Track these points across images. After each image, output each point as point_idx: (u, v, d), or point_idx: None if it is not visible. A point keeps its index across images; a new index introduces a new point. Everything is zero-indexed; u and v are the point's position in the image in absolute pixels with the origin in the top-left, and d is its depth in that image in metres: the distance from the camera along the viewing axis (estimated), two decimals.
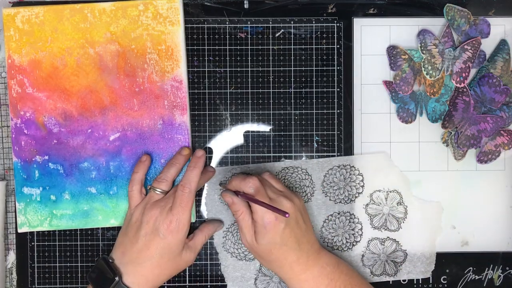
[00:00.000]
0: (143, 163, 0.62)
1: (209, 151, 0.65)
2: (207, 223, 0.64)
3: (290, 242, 0.57)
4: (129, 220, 0.60)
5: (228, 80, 0.65)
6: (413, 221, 0.65)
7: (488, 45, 0.64)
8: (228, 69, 0.65)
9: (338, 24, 0.65)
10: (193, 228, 0.63)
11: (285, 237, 0.57)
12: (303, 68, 0.65)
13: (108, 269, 0.57)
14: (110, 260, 0.58)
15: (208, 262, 0.66)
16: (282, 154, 0.65)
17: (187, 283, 0.66)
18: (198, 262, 0.65)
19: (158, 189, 0.60)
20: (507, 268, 0.66)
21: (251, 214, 0.58)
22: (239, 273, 0.64)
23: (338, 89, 0.65)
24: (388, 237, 0.65)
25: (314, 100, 0.65)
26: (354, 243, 0.65)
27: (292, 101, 0.65)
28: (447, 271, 0.66)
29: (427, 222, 0.65)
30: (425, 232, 0.65)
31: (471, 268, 0.66)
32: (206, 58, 0.65)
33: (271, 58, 0.65)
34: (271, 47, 0.65)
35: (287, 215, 0.53)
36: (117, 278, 0.56)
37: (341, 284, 0.59)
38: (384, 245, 0.65)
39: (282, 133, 0.65)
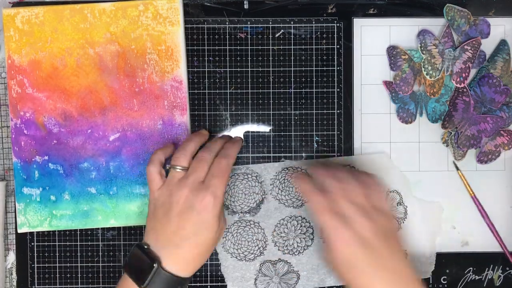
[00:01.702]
0: (165, 148, 0.59)
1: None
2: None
3: (362, 265, 0.51)
4: (154, 204, 0.56)
5: (228, 80, 0.65)
6: (413, 221, 0.65)
7: (488, 45, 0.64)
8: (228, 69, 0.65)
9: (338, 24, 0.65)
10: None
11: (357, 260, 0.51)
12: (303, 68, 0.65)
13: (145, 256, 0.53)
14: (145, 247, 0.54)
15: (208, 262, 0.65)
16: (282, 154, 0.65)
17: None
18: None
19: (178, 167, 0.56)
20: (507, 268, 0.66)
21: None
22: (239, 273, 0.65)
23: (338, 89, 0.65)
24: None
25: (314, 100, 0.65)
26: None
27: (292, 101, 0.65)
28: (447, 271, 0.66)
29: (427, 222, 0.65)
30: (425, 232, 0.65)
31: (471, 268, 0.66)
32: (206, 58, 0.65)
33: (271, 58, 0.65)
34: (271, 47, 0.65)
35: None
36: (155, 265, 0.52)
37: None
38: None
39: (282, 133, 0.65)
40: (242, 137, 0.65)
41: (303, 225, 0.64)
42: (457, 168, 0.65)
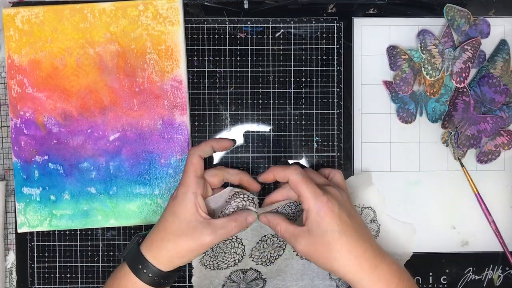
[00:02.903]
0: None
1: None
2: (240, 212, 0.57)
3: (349, 231, 0.53)
4: None
5: (228, 80, 0.65)
6: (384, 239, 0.65)
7: (488, 45, 0.64)
8: (228, 69, 0.65)
9: (338, 24, 0.65)
10: None
11: (342, 223, 0.53)
12: (303, 68, 0.65)
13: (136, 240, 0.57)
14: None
15: None
16: (282, 154, 0.65)
17: (187, 283, 0.65)
18: None
19: None
20: (507, 268, 0.66)
21: (299, 212, 0.57)
22: (208, 281, 0.64)
23: (338, 89, 0.65)
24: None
25: (314, 100, 0.65)
26: None
27: (292, 101, 0.65)
28: (447, 271, 0.66)
29: (399, 242, 0.65)
30: (395, 252, 0.64)
31: (471, 268, 0.66)
32: (206, 58, 0.65)
33: (271, 58, 0.65)
34: (271, 47, 0.65)
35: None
36: (137, 240, 0.56)
37: (407, 283, 0.54)
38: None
39: (282, 133, 0.65)
40: (242, 137, 0.65)
41: (281, 240, 0.63)
42: (462, 165, 0.65)
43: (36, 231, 0.65)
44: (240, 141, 0.65)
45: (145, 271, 0.55)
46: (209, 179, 0.58)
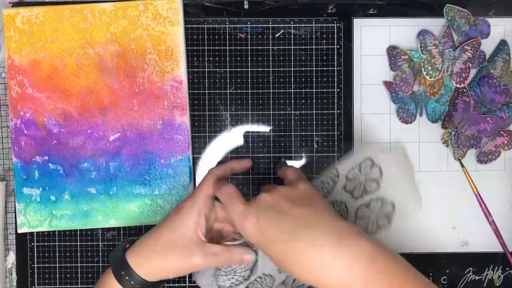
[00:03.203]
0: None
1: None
2: (240, 248, 0.54)
3: (286, 228, 0.47)
4: None
5: (228, 80, 0.65)
6: (389, 174, 0.62)
7: (488, 46, 0.64)
8: (228, 69, 0.65)
9: (338, 25, 0.65)
10: None
11: (274, 228, 0.47)
12: (303, 69, 0.65)
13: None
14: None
15: None
16: (282, 155, 0.65)
17: (187, 283, 0.65)
18: None
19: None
20: (507, 269, 0.65)
21: None
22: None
23: (338, 90, 0.65)
24: (371, 198, 0.62)
25: (314, 101, 0.65)
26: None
27: (292, 101, 0.65)
28: (447, 271, 0.66)
29: (401, 167, 0.63)
30: (403, 176, 0.63)
31: (471, 268, 0.66)
32: (206, 59, 0.65)
33: (271, 58, 0.65)
34: (271, 47, 0.65)
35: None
36: (124, 245, 0.55)
37: (382, 263, 0.46)
38: (370, 206, 0.62)
39: (282, 133, 0.65)
40: (242, 137, 0.65)
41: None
42: (462, 165, 0.65)
43: (36, 232, 0.65)
44: (240, 141, 0.65)
45: (127, 278, 0.52)
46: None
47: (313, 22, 0.65)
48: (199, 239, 0.53)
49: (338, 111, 0.65)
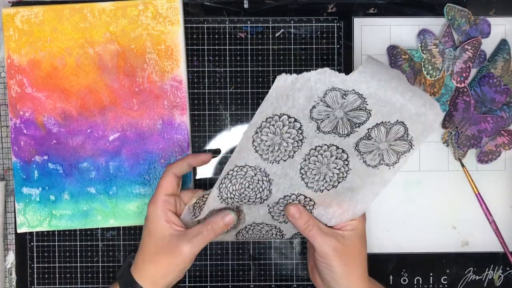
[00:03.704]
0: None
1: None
2: (216, 213, 0.56)
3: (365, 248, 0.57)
4: None
5: (228, 80, 0.65)
6: (375, 92, 0.49)
7: (488, 45, 0.64)
8: (228, 69, 0.65)
9: (338, 24, 0.65)
10: None
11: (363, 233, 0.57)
12: (303, 68, 0.65)
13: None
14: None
15: (208, 262, 0.65)
16: None
17: (187, 283, 0.65)
18: (198, 263, 0.65)
19: None
20: (508, 269, 0.65)
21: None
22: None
23: None
24: (367, 128, 0.52)
25: None
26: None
27: None
28: (448, 271, 0.66)
29: (385, 75, 0.49)
30: (394, 84, 0.49)
31: (471, 268, 0.66)
32: (206, 58, 0.65)
33: (271, 58, 0.65)
34: (271, 47, 0.65)
35: None
36: (129, 261, 0.56)
37: None
38: (372, 138, 0.52)
39: None
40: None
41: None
42: (463, 165, 0.65)
43: (35, 231, 0.65)
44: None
45: None
46: (184, 198, 0.57)
47: (313, 22, 0.65)
48: (177, 232, 0.54)
49: None
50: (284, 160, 0.53)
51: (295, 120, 0.51)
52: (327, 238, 0.54)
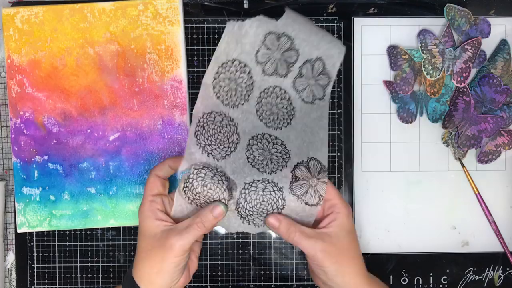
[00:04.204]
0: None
1: None
2: (206, 207, 0.56)
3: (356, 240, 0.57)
4: None
5: None
6: (299, 35, 0.59)
7: (488, 45, 0.64)
8: None
9: (338, 24, 0.65)
10: None
11: (351, 226, 0.56)
12: None
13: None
14: None
15: (208, 262, 0.65)
16: None
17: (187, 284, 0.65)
18: (198, 262, 0.65)
19: None
20: (508, 269, 0.65)
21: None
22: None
23: (338, 89, 0.65)
24: (299, 66, 0.60)
25: None
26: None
27: None
28: (447, 271, 0.66)
29: (299, 21, 0.60)
30: (308, 28, 0.60)
31: (471, 268, 0.66)
32: (206, 58, 0.65)
33: None
34: None
35: None
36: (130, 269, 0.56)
37: None
38: (304, 74, 0.60)
39: None
40: None
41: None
42: (463, 165, 0.65)
43: (35, 231, 0.65)
44: None
45: None
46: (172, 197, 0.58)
47: (313, 22, 0.65)
48: (167, 228, 0.55)
49: (339, 111, 0.65)
50: (242, 104, 0.60)
51: (245, 65, 0.60)
52: (312, 241, 0.54)
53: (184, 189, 0.56)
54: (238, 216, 0.58)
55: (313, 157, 0.59)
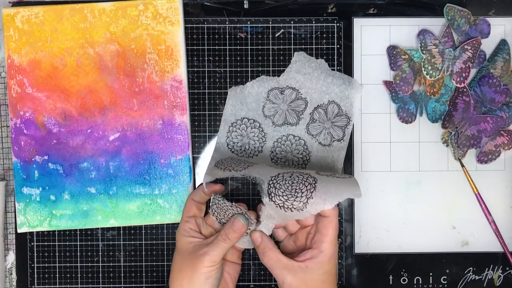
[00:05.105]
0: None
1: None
2: (226, 224, 0.59)
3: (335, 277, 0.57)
4: None
5: (228, 80, 0.65)
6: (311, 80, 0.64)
7: (488, 45, 0.64)
8: (228, 69, 0.65)
9: (338, 24, 0.65)
10: None
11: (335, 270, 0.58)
12: None
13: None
14: None
15: None
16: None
17: None
18: None
19: None
20: (507, 268, 0.65)
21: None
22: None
23: None
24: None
25: None
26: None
27: None
28: (447, 271, 0.66)
29: (312, 66, 0.64)
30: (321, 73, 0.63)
31: (471, 268, 0.66)
32: (206, 58, 0.65)
33: (271, 58, 0.65)
34: (271, 47, 0.65)
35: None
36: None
37: None
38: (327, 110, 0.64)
39: None
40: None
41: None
42: (462, 165, 0.65)
43: (36, 231, 0.65)
44: None
45: None
46: (207, 221, 0.61)
47: (313, 22, 0.65)
48: (198, 243, 0.59)
49: None
50: (256, 155, 0.64)
51: (254, 121, 0.64)
52: (284, 271, 0.55)
53: (213, 212, 0.60)
54: (277, 206, 0.56)
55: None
